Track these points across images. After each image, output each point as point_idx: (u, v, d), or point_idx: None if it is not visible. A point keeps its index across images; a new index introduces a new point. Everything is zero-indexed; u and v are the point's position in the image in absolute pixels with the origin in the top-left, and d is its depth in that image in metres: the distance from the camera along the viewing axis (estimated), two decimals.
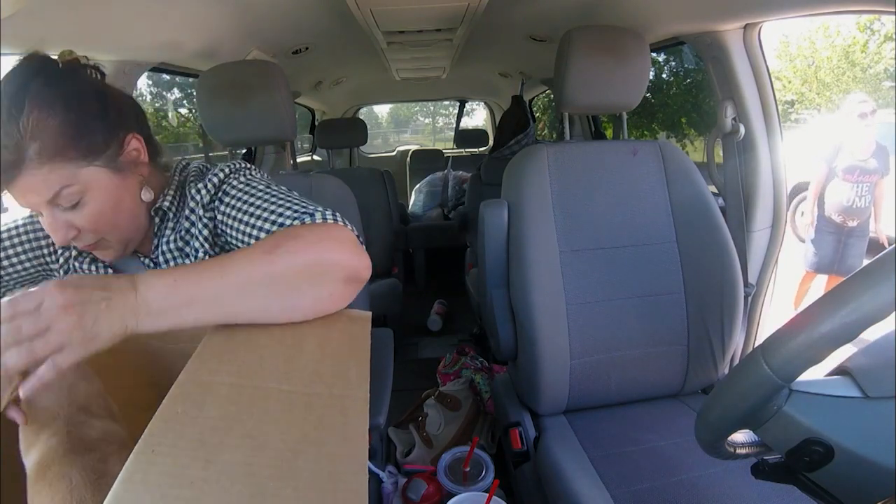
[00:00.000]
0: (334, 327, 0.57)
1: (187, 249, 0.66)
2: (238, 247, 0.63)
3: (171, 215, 0.67)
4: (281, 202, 0.60)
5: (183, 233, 0.66)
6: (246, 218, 0.61)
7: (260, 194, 0.62)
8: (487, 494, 0.92)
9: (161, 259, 0.68)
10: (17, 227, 0.71)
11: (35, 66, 0.55)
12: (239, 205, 0.62)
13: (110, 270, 0.70)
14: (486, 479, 1.12)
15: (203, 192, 0.65)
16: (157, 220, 0.68)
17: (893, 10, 0.88)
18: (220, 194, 0.65)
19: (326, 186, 1.08)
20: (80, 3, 0.90)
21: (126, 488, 0.38)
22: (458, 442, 1.42)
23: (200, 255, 0.65)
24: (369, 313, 0.60)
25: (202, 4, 1.22)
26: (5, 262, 0.69)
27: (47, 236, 0.70)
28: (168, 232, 0.67)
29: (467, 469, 1.13)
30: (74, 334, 0.42)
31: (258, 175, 0.69)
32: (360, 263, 0.56)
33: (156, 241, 0.68)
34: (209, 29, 1.36)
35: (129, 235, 0.65)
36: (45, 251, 0.71)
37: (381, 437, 1.16)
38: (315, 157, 3.63)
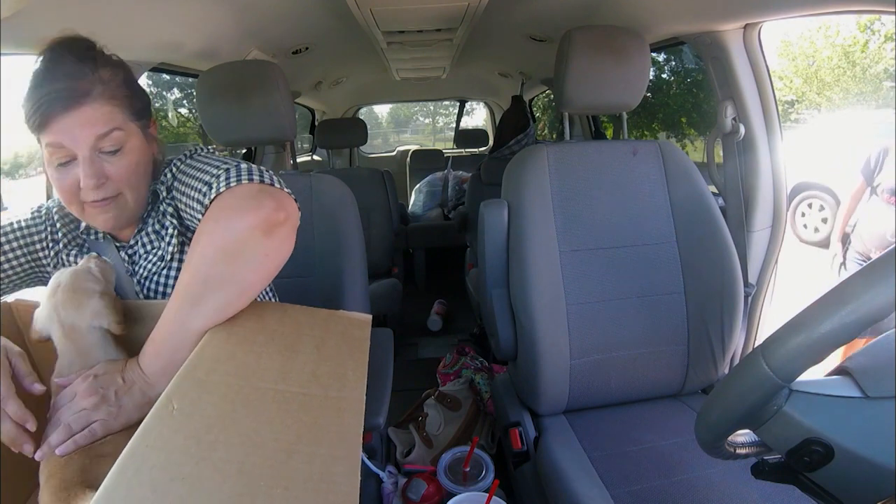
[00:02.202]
0: (334, 330, 0.57)
1: (163, 232, 0.71)
2: (193, 226, 0.68)
3: (160, 199, 0.72)
4: (200, 179, 0.64)
5: (160, 216, 0.72)
6: (187, 201, 0.66)
7: (192, 173, 0.66)
8: (487, 494, 0.92)
9: (139, 244, 0.72)
10: (11, 229, 0.74)
11: (88, 38, 0.65)
12: (185, 189, 0.67)
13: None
14: (486, 479, 1.12)
15: (168, 175, 0.71)
16: (148, 207, 0.72)
17: (893, 10, 0.88)
18: (175, 183, 0.70)
19: (326, 186, 1.08)
20: (80, 3, 0.90)
21: (118, 481, 0.39)
22: (458, 442, 1.42)
23: (170, 230, 0.70)
24: (369, 316, 0.60)
25: (202, 4, 1.22)
26: (2, 262, 0.72)
27: (40, 232, 0.74)
28: (151, 219, 0.72)
29: (467, 469, 1.13)
30: (101, 410, 0.52)
31: (198, 153, 0.72)
32: (265, 212, 0.54)
33: (140, 226, 0.72)
34: (209, 29, 1.36)
35: (139, 202, 0.69)
36: (38, 246, 0.74)
37: (381, 437, 1.16)
38: (315, 157, 3.63)
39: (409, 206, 3.42)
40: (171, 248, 0.69)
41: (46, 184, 1.16)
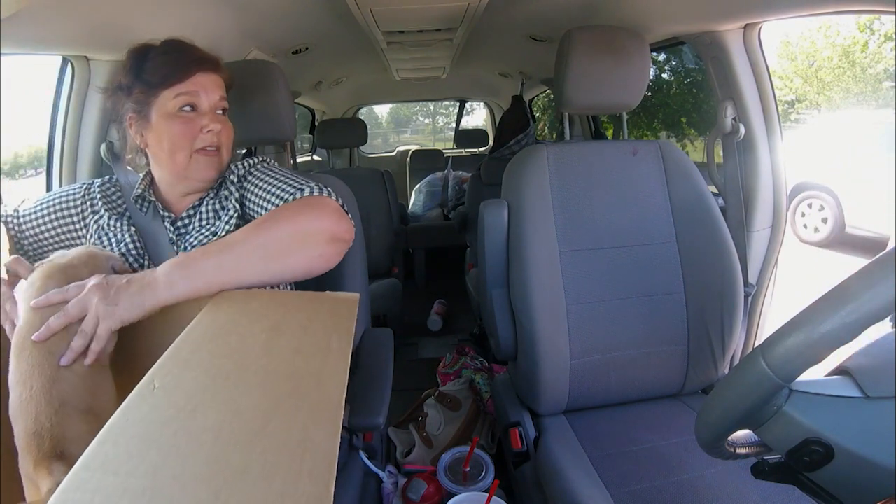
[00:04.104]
0: (321, 308, 0.58)
1: (221, 213, 0.79)
2: (255, 216, 0.77)
3: (224, 184, 0.82)
4: (284, 183, 0.75)
5: (223, 199, 0.81)
6: (261, 193, 0.77)
7: (274, 175, 0.78)
8: (487, 494, 0.92)
9: (196, 217, 0.80)
10: (48, 203, 0.83)
11: None
12: (260, 183, 0.78)
13: (133, 228, 0.80)
14: (486, 479, 1.12)
15: (241, 167, 0.82)
16: (212, 188, 0.81)
17: (893, 10, 0.88)
18: (249, 176, 0.81)
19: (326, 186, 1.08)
20: (79, 3, 0.90)
21: (97, 451, 0.40)
22: (458, 442, 1.42)
23: (231, 213, 0.78)
24: (357, 294, 0.62)
25: (202, 4, 1.22)
26: (41, 229, 0.82)
27: (77, 206, 0.83)
28: (210, 199, 0.81)
29: (467, 469, 1.13)
30: (101, 309, 0.56)
31: (274, 164, 0.86)
32: (340, 226, 0.67)
33: (196, 202, 0.81)
34: (209, 29, 1.35)
35: (225, 165, 0.82)
36: (75, 218, 0.83)
37: (381, 437, 1.16)
38: (315, 157, 3.63)
39: (409, 206, 3.42)
40: (227, 227, 0.77)
41: (46, 184, 1.16)
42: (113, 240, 0.79)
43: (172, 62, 0.75)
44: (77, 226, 0.83)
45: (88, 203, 0.83)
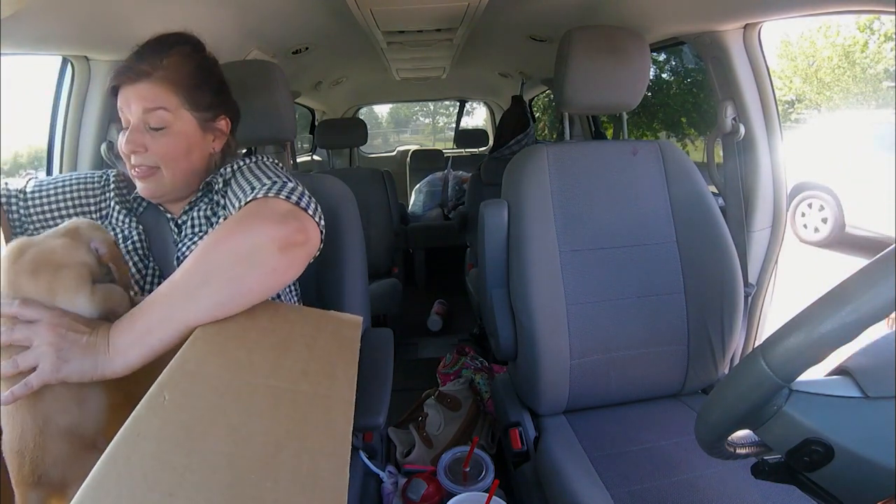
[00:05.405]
0: (325, 329, 0.57)
1: (213, 219, 0.77)
2: None
3: (214, 189, 0.77)
4: (241, 189, 0.69)
5: (214, 205, 0.77)
6: (232, 200, 0.71)
7: (245, 178, 0.72)
8: (487, 494, 0.92)
9: (189, 223, 0.77)
10: (66, 184, 0.80)
11: (191, 37, 0.77)
12: (234, 188, 0.72)
13: (141, 227, 0.78)
14: (486, 479, 1.12)
15: (227, 171, 0.76)
16: (199, 192, 0.77)
17: (893, 10, 0.88)
18: (231, 180, 0.75)
19: (326, 186, 1.08)
20: (80, 2, 0.90)
21: (109, 469, 0.39)
22: (458, 442, 1.42)
23: (222, 220, 0.75)
24: (360, 318, 0.61)
25: (202, 4, 1.22)
26: (53, 208, 0.78)
27: (97, 194, 0.81)
28: (204, 204, 0.78)
29: (467, 469, 1.13)
30: (48, 358, 0.49)
31: (258, 162, 0.78)
32: (287, 230, 0.57)
33: (187, 207, 0.78)
34: (209, 29, 1.34)
35: (178, 182, 0.75)
36: (92, 207, 0.81)
37: (381, 437, 1.16)
38: (315, 157, 3.63)
39: (409, 206, 3.42)
40: None
41: None
42: (120, 236, 0.78)
43: (113, 73, 0.72)
44: (90, 209, 0.81)
45: (106, 194, 0.81)
